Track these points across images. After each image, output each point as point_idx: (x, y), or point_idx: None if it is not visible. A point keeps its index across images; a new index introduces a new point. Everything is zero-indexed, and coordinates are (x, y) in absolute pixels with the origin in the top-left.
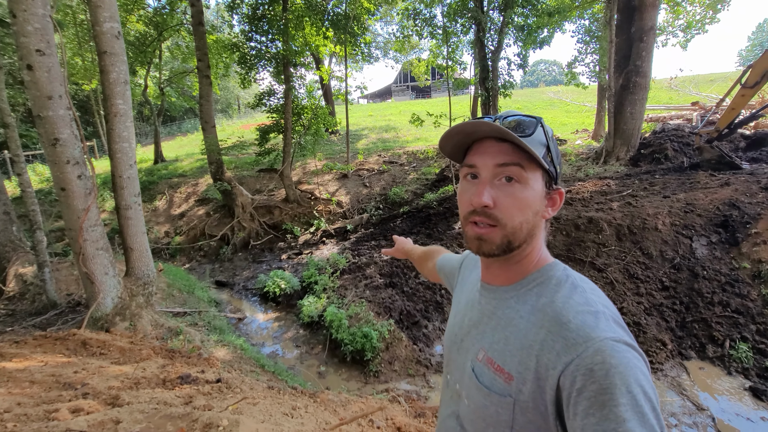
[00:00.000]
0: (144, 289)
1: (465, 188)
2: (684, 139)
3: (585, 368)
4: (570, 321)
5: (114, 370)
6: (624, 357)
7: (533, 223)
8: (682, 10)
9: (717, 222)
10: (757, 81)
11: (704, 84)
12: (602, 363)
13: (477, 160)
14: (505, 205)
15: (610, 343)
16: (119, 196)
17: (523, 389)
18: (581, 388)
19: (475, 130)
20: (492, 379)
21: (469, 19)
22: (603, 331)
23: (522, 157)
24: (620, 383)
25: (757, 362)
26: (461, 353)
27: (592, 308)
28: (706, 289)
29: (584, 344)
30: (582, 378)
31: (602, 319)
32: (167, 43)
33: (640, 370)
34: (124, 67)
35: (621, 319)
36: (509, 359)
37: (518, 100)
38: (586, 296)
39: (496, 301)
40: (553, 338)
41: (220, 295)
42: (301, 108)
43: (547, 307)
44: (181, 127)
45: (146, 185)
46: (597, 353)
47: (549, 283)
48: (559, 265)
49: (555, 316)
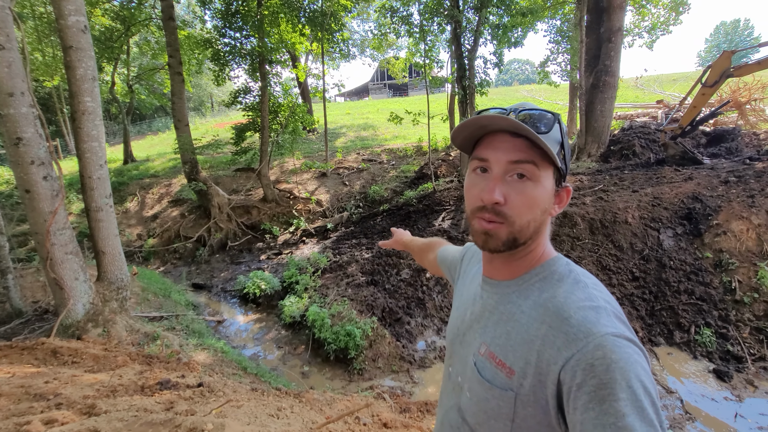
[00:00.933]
0: (117, 293)
1: (474, 182)
2: (650, 136)
3: (585, 363)
4: (571, 316)
5: (88, 378)
6: (624, 352)
7: (541, 220)
8: (647, 12)
9: (682, 215)
10: (716, 80)
11: (668, 83)
12: (603, 358)
13: (489, 155)
14: (515, 203)
15: (610, 338)
16: (89, 198)
17: (524, 383)
18: (581, 383)
19: (490, 122)
20: (494, 374)
21: (445, 18)
22: (604, 326)
23: (536, 154)
24: (620, 378)
25: (720, 346)
26: (464, 347)
27: (594, 303)
28: (673, 278)
29: (585, 339)
30: (582, 373)
31: (603, 315)
32: (135, 39)
33: (641, 366)
34: (91, 63)
35: (623, 315)
36: (511, 354)
37: (493, 99)
38: (588, 291)
39: (498, 295)
40: (555, 333)
41: (198, 298)
42: (277, 106)
43: (549, 302)
44: (151, 126)
45: (116, 186)
46: (598, 348)
47: (551, 278)
48: (562, 260)
49: (556, 311)
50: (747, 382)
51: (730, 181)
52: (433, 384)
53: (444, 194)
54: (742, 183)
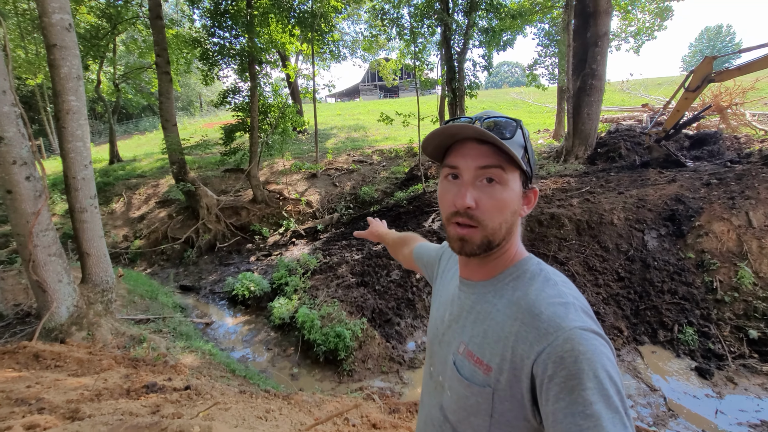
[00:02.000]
0: (102, 296)
1: (447, 188)
2: (636, 138)
3: (555, 356)
4: (542, 312)
5: (72, 382)
6: (591, 344)
7: (511, 222)
8: (632, 18)
9: (665, 216)
10: (699, 85)
11: (653, 87)
12: (571, 350)
13: (459, 162)
14: (486, 206)
15: (578, 332)
16: (73, 199)
17: (500, 379)
18: (552, 375)
19: (458, 132)
20: (472, 371)
21: (435, 21)
22: (572, 320)
23: (502, 159)
24: (588, 369)
25: (702, 344)
26: (443, 347)
27: (563, 300)
28: (657, 278)
29: (555, 333)
30: (553, 365)
31: (572, 310)
32: (122, 37)
33: (606, 356)
34: (76, 62)
35: (590, 310)
36: (488, 351)
37: (483, 101)
38: (558, 288)
39: (475, 296)
40: (527, 329)
41: (186, 300)
42: (267, 106)
43: (521, 300)
44: (138, 126)
45: (101, 187)
46: (566, 341)
47: (524, 277)
48: (533, 260)
49: (528, 308)
50: (727, 379)
51: (712, 184)
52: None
53: (434, 195)
54: (723, 185)
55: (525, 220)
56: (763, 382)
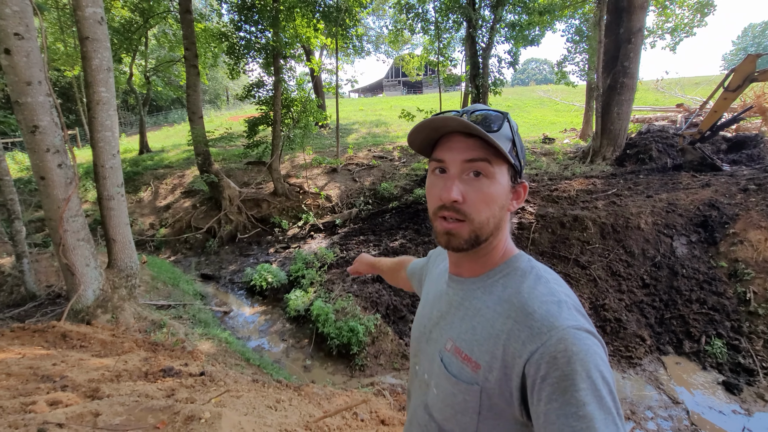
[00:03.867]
0: (127, 281)
1: (433, 182)
2: (668, 140)
3: (549, 356)
4: (535, 311)
5: (94, 362)
6: (584, 344)
7: (499, 216)
8: (670, 13)
9: (697, 222)
10: (739, 85)
11: (689, 86)
12: (564, 351)
13: (445, 155)
14: (473, 200)
15: (572, 331)
16: (101, 186)
17: (489, 377)
18: (545, 375)
19: (443, 125)
20: (460, 368)
21: (460, 15)
22: (565, 320)
23: (489, 152)
24: (581, 369)
25: (731, 358)
26: (430, 344)
27: (556, 298)
28: (685, 286)
29: (548, 333)
30: (546, 365)
31: (565, 309)
32: (153, 31)
33: (599, 356)
34: (107, 54)
35: (581, 307)
36: (476, 348)
37: (509, 98)
38: (550, 286)
39: (464, 292)
40: (519, 328)
41: (206, 289)
42: (290, 100)
43: (513, 298)
44: (167, 117)
45: (131, 176)
46: (560, 341)
47: (515, 274)
48: (524, 257)
49: (521, 306)
50: (757, 395)
51: (750, 189)
52: None
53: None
54: (763, 191)
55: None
56: None
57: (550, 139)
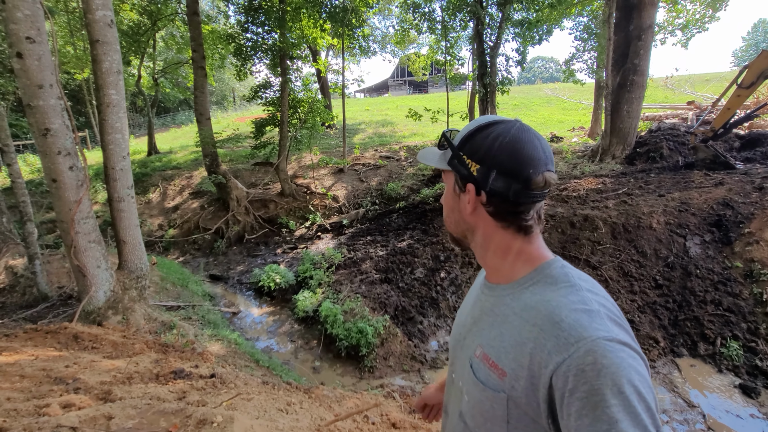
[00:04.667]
0: (137, 282)
1: None
2: (679, 138)
3: (576, 369)
4: (563, 320)
5: (106, 364)
6: (617, 357)
7: (457, 219)
8: (681, 9)
9: (711, 221)
10: (753, 81)
11: (700, 83)
12: (593, 363)
13: None
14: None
15: (602, 342)
16: (112, 188)
17: (515, 386)
18: (573, 389)
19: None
20: (487, 375)
21: (468, 14)
22: (596, 330)
23: None
24: (611, 384)
25: (748, 360)
26: (463, 350)
27: (587, 307)
28: (699, 287)
29: (576, 344)
30: (574, 379)
31: (596, 318)
32: (161, 33)
33: (635, 370)
34: (116, 57)
35: (621, 318)
36: (503, 356)
37: (515, 97)
38: (582, 294)
39: (494, 298)
40: (545, 336)
41: (215, 289)
42: (297, 101)
43: (541, 305)
44: (175, 119)
45: (140, 177)
46: (588, 354)
47: (545, 281)
48: (557, 263)
49: (548, 314)
50: None
51: (765, 188)
52: None
53: None
54: None
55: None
56: None
57: (558, 138)
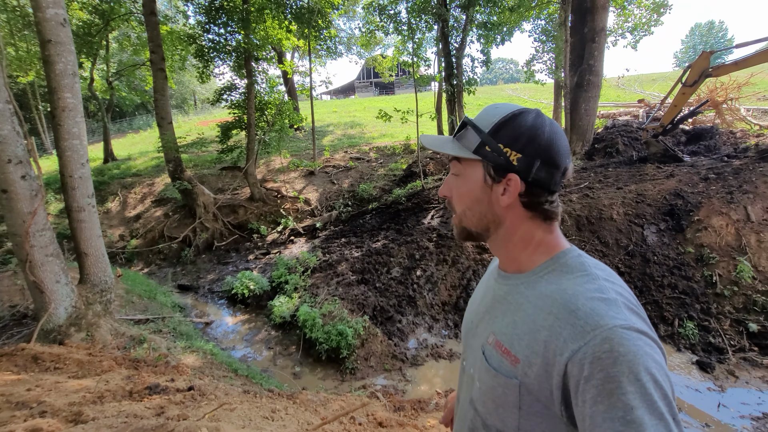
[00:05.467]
0: (101, 296)
1: None
2: (632, 134)
3: (592, 356)
4: (579, 308)
5: (73, 384)
6: (634, 345)
7: (479, 210)
8: (629, 13)
9: (664, 211)
10: (696, 80)
11: (647, 83)
12: (610, 351)
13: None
14: (454, 195)
15: (619, 331)
16: (70, 198)
17: (528, 372)
18: (589, 376)
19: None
20: (499, 361)
21: (432, 16)
22: (613, 318)
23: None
24: (628, 371)
25: (702, 338)
26: (475, 338)
27: (604, 295)
28: (657, 273)
29: (592, 332)
30: (590, 366)
31: (613, 306)
32: (115, 34)
33: (651, 358)
34: (71, 58)
35: (638, 306)
36: (516, 343)
37: (479, 97)
38: (599, 283)
39: (508, 287)
40: (561, 325)
41: (185, 300)
42: (264, 103)
43: (557, 294)
44: (132, 124)
45: (96, 186)
46: (605, 341)
47: (561, 270)
48: (574, 251)
49: (564, 302)
50: (728, 372)
51: (710, 178)
52: (426, 382)
53: (433, 192)
54: (721, 180)
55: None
56: (764, 374)
57: None
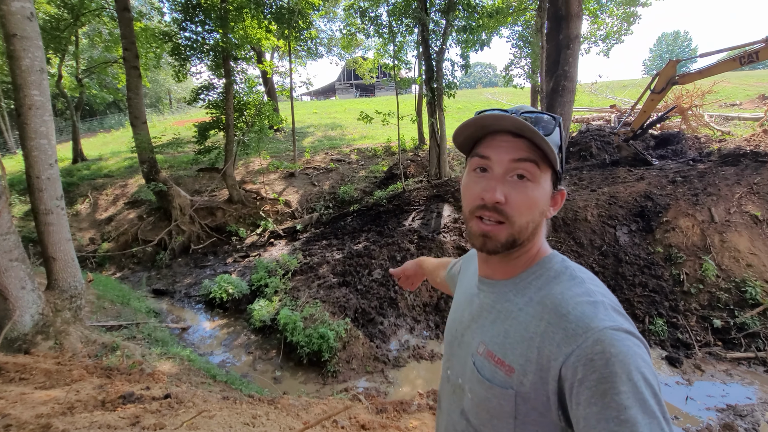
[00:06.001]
0: (71, 302)
1: (474, 181)
2: (605, 138)
3: (585, 358)
4: (569, 312)
5: (40, 396)
6: (624, 345)
7: (538, 222)
8: (601, 22)
9: (635, 212)
10: (663, 87)
11: (618, 89)
12: (602, 352)
13: (491, 153)
14: (516, 202)
15: (609, 332)
16: (37, 200)
17: (524, 381)
18: (582, 378)
19: (494, 122)
20: (493, 372)
21: (413, 20)
22: (602, 320)
23: (538, 155)
24: (620, 371)
25: (671, 334)
26: (462, 348)
27: (591, 298)
28: (629, 272)
29: (584, 335)
30: (583, 368)
31: (601, 309)
32: (85, 29)
33: (641, 357)
34: (39, 53)
35: (621, 308)
36: (509, 352)
37: (459, 101)
38: (585, 287)
39: (495, 294)
40: (554, 329)
41: (160, 305)
42: (243, 104)
43: (547, 299)
44: (103, 123)
45: (64, 187)
46: (597, 343)
47: (547, 275)
48: (557, 257)
49: (554, 307)
50: (695, 366)
51: (677, 181)
52: (408, 383)
53: (414, 194)
54: (687, 183)
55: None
56: (728, 368)
57: None
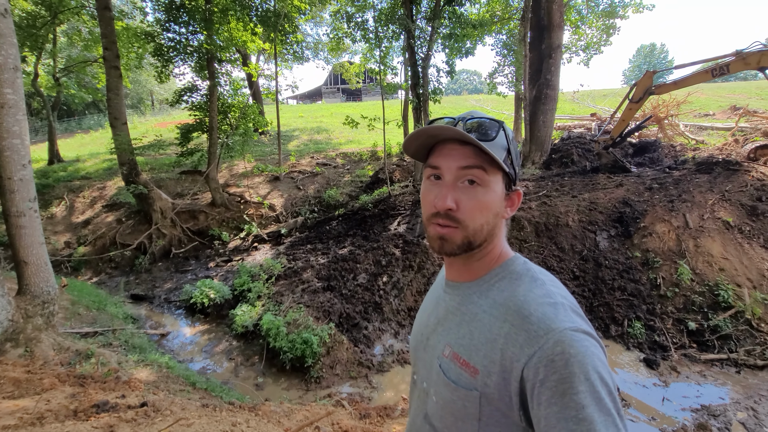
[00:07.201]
0: (43, 308)
1: (428, 189)
2: (586, 145)
3: (546, 359)
4: (531, 314)
5: (8, 405)
6: (582, 346)
7: (493, 223)
8: (582, 33)
9: (614, 218)
10: (641, 97)
11: (599, 98)
12: (562, 353)
13: (441, 162)
14: (467, 207)
15: (569, 333)
16: (9, 202)
17: (488, 382)
18: (544, 379)
19: (439, 132)
20: (458, 374)
21: (399, 27)
22: (562, 321)
23: (484, 160)
24: (579, 372)
25: (648, 337)
26: (428, 351)
27: (552, 300)
28: (608, 276)
29: (545, 336)
30: (544, 369)
31: (561, 310)
32: (63, 27)
33: (597, 357)
34: (13, 51)
35: (579, 308)
36: (474, 353)
37: (444, 107)
38: (546, 288)
39: (460, 297)
40: (516, 331)
41: (138, 310)
42: (228, 106)
43: (509, 301)
44: (81, 123)
45: (39, 189)
46: (557, 344)
47: (510, 277)
48: (519, 259)
49: (517, 309)
50: (671, 368)
51: (654, 188)
52: (392, 388)
53: (399, 199)
54: (664, 189)
55: (509, 221)
56: (702, 369)
57: None
